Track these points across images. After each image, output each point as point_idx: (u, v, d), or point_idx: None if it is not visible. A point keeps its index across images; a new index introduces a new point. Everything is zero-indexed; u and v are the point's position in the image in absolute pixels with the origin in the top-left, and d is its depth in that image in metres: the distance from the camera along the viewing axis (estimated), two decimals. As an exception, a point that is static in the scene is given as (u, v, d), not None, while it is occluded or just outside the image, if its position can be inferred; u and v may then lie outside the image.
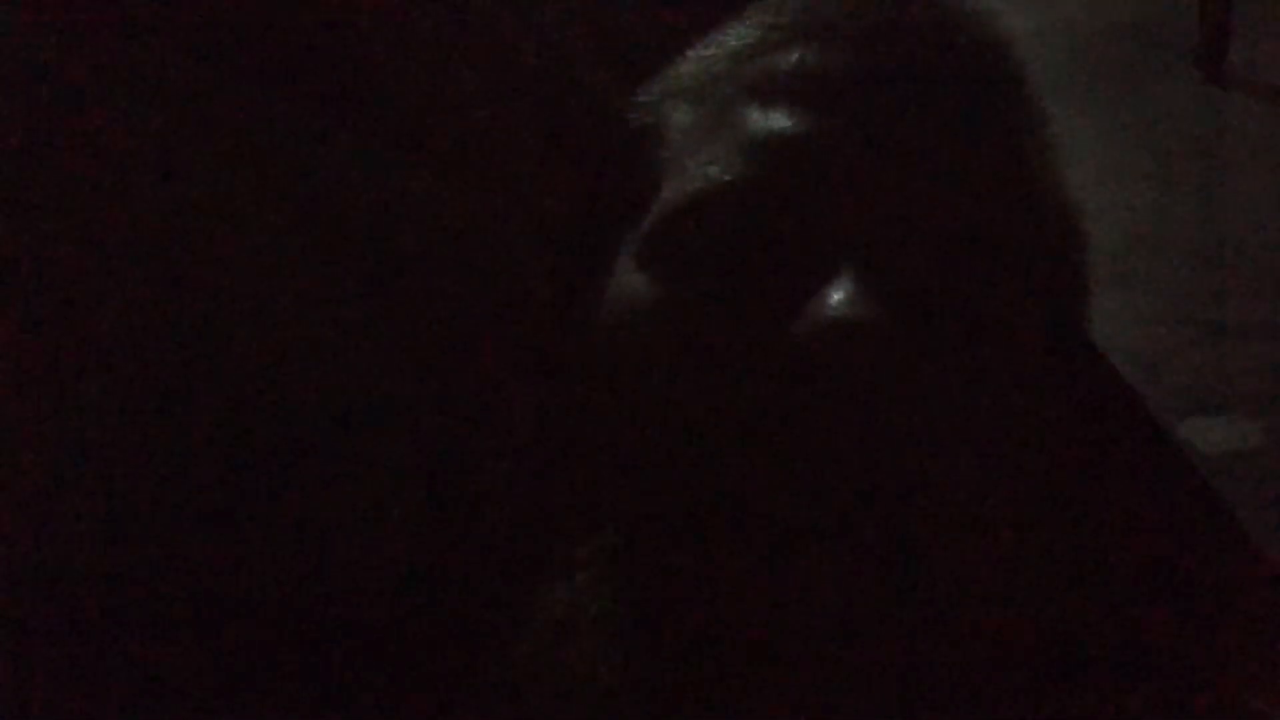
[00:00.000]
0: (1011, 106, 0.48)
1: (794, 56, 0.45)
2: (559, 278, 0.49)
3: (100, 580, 0.43)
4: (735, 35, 0.49)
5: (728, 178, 0.43)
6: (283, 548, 0.44)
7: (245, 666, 0.43)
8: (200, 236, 0.45)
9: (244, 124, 0.46)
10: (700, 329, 0.42)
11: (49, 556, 0.43)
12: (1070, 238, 0.50)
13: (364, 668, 0.44)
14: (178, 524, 0.43)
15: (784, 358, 0.40)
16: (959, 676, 0.44)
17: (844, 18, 0.47)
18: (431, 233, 0.48)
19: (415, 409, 0.46)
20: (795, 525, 0.40)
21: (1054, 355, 0.48)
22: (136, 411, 0.43)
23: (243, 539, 0.44)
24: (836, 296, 0.40)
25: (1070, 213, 0.50)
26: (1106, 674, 0.47)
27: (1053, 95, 0.52)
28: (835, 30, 0.46)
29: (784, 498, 0.40)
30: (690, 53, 0.50)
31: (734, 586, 0.40)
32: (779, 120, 0.44)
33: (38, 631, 0.42)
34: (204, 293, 0.44)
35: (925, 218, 0.43)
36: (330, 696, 0.43)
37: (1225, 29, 2.53)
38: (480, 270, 0.49)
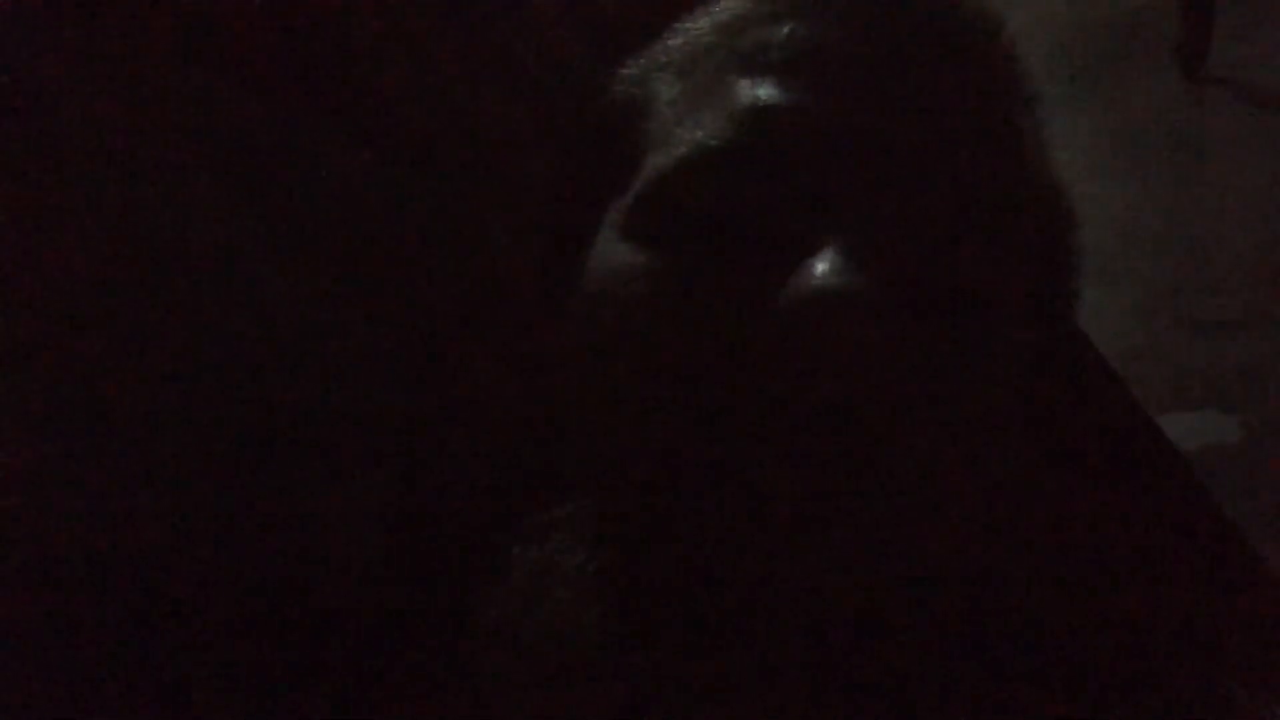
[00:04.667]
0: (1002, 85, 0.48)
1: (785, 29, 0.45)
2: (541, 259, 0.49)
3: (85, 576, 0.42)
4: (724, 8, 0.48)
5: (713, 144, 0.43)
6: (264, 532, 0.44)
7: (230, 651, 0.43)
8: (180, 232, 0.44)
9: (227, 121, 0.46)
10: (683, 299, 0.42)
11: (36, 555, 0.42)
12: (1059, 218, 0.49)
13: (345, 637, 0.43)
14: (162, 517, 0.43)
15: (767, 329, 0.40)
16: (935, 657, 0.44)
17: None
18: (411, 220, 0.48)
19: (393, 395, 0.46)
20: (774, 494, 0.40)
21: (1040, 336, 0.47)
22: (120, 406, 0.43)
23: (226, 528, 0.44)
24: (821, 268, 0.40)
25: (1059, 193, 0.49)
26: (1097, 671, 0.47)
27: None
28: (826, 4, 0.45)
29: (763, 466, 0.40)
30: (677, 25, 0.50)
31: (711, 550, 0.40)
32: (768, 91, 0.43)
33: (25, 627, 0.42)
34: (187, 289, 0.44)
35: (913, 192, 0.42)
36: (314, 669, 0.43)
37: (1206, 27, 2.54)
38: (462, 255, 0.49)
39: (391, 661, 0.44)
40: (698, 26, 0.49)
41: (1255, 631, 0.49)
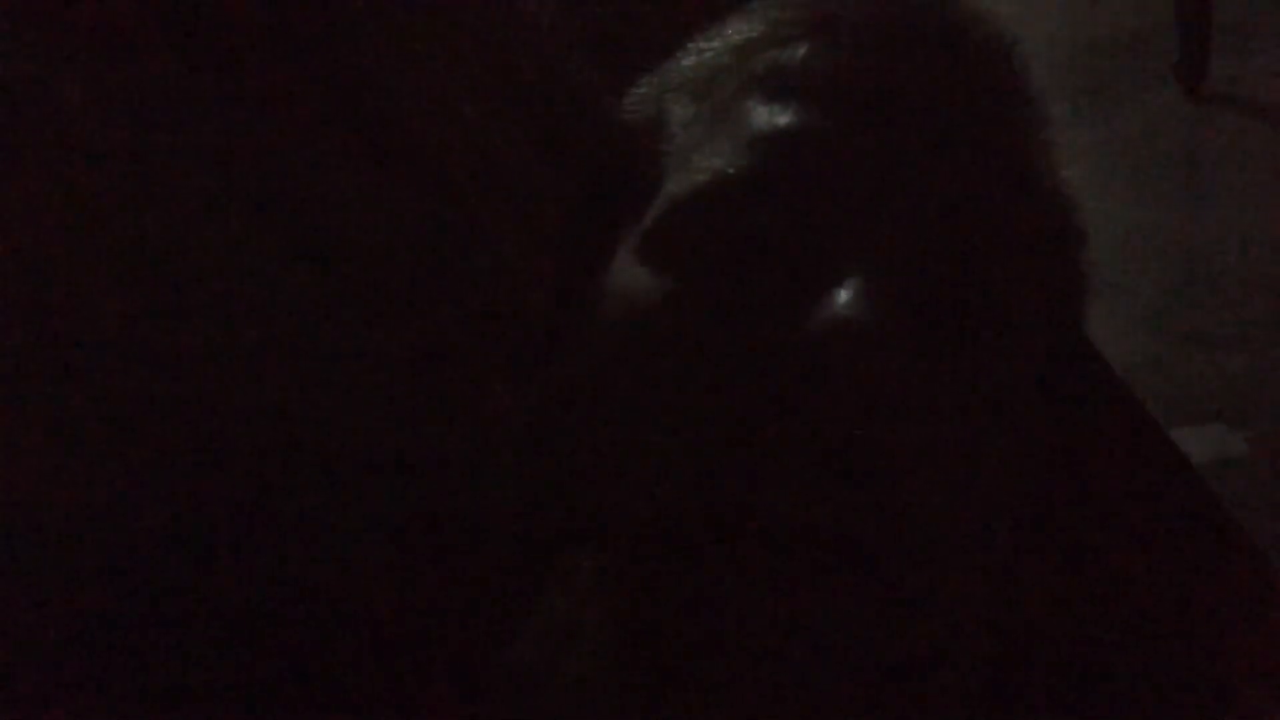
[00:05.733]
0: (1016, 106, 0.48)
1: (800, 52, 0.45)
2: (555, 283, 0.49)
3: (87, 580, 0.42)
4: (738, 29, 0.49)
5: (731, 172, 0.43)
6: (273, 563, 0.44)
7: (241, 682, 0.42)
8: (189, 249, 0.44)
9: (235, 136, 0.46)
10: (701, 327, 0.41)
11: (38, 558, 0.42)
12: (1072, 237, 0.50)
13: (363, 680, 0.43)
14: (163, 544, 0.43)
15: (788, 359, 0.39)
16: (956, 684, 0.43)
17: (850, 14, 0.46)
18: (424, 241, 0.48)
19: (406, 421, 0.46)
20: (796, 531, 0.39)
21: (1056, 356, 0.47)
22: (121, 423, 0.43)
23: (235, 556, 0.43)
24: (843, 297, 0.39)
25: (1072, 212, 0.50)
26: (1106, 675, 0.47)
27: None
28: (842, 26, 0.46)
29: (786, 502, 0.39)
30: (691, 45, 0.50)
31: (735, 594, 0.39)
32: (784, 116, 0.43)
33: (26, 627, 0.42)
34: (192, 305, 0.44)
35: (932, 218, 0.42)
36: (329, 711, 0.42)
37: (1205, 44, 2.55)
38: (474, 278, 0.49)
39: (403, 703, 0.43)
40: (711, 46, 0.49)
41: (1266, 639, 0.50)
